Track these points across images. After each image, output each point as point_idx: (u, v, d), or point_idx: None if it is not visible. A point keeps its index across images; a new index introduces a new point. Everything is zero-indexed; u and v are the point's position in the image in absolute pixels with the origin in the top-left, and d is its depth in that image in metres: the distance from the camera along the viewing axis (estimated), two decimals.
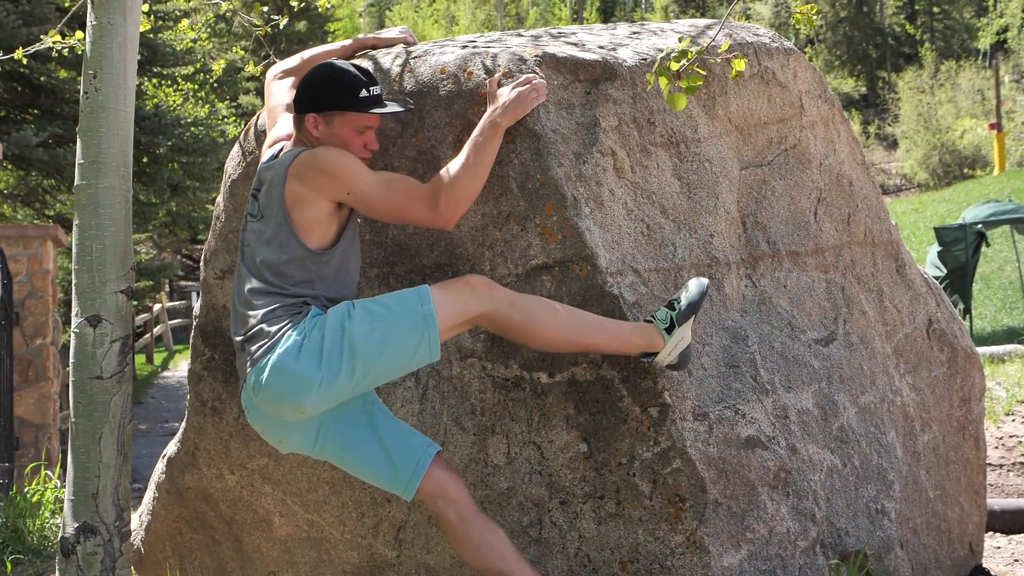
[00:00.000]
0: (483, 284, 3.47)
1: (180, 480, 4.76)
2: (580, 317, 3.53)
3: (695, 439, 3.63)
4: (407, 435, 3.59)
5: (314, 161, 3.45)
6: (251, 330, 3.44)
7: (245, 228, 3.63)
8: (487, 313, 3.45)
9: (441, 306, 3.39)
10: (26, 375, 11.05)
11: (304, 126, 3.58)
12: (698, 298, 3.57)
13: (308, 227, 3.47)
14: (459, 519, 3.53)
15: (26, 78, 17.05)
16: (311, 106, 3.55)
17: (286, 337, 3.35)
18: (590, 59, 3.89)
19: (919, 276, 5.08)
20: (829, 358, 4.31)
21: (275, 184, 3.50)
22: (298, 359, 3.31)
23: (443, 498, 3.53)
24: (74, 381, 4.19)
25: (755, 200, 4.34)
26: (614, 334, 3.53)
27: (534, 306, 3.49)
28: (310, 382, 3.30)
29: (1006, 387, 10.39)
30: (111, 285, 4.17)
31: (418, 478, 3.50)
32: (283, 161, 3.53)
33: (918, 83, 48.28)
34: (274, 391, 3.36)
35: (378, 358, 3.37)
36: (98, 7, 4.25)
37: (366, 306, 3.41)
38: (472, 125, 3.78)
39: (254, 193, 3.62)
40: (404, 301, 3.41)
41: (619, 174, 3.87)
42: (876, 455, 4.33)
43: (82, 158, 4.22)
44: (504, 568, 3.53)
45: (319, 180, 3.44)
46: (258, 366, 3.39)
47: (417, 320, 3.36)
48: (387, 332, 3.36)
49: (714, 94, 4.22)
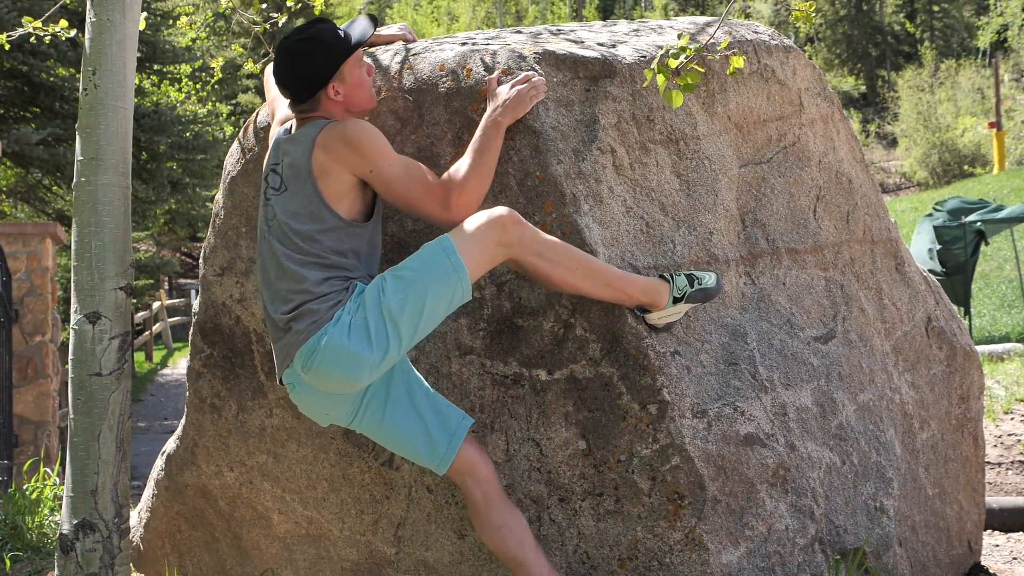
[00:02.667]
0: (512, 223, 3.44)
1: (179, 477, 4.76)
2: (597, 270, 3.54)
3: (694, 436, 3.63)
4: (443, 407, 3.62)
5: (343, 134, 3.48)
6: (298, 308, 3.44)
7: (266, 204, 3.62)
8: (513, 256, 3.47)
9: (468, 255, 3.40)
10: (25, 373, 11.05)
11: (323, 101, 3.61)
12: (714, 292, 3.72)
13: (335, 197, 3.50)
14: (484, 499, 3.57)
15: (26, 76, 17.06)
16: (321, 79, 3.57)
17: (335, 317, 3.37)
18: (590, 56, 3.89)
19: (918, 274, 5.08)
20: (828, 356, 4.31)
21: (300, 155, 3.52)
22: (350, 338, 3.33)
23: (472, 476, 3.58)
24: (73, 378, 4.19)
25: (754, 198, 4.34)
26: (625, 291, 3.58)
27: (558, 255, 3.49)
28: (364, 360, 3.33)
29: (1005, 385, 10.40)
30: (110, 282, 4.17)
31: (453, 451, 3.54)
32: (308, 132, 3.54)
33: (918, 82, 48.32)
34: (328, 369, 3.37)
35: (418, 320, 3.39)
36: (97, 4, 4.24)
37: (395, 274, 3.42)
38: (471, 122, 3.78)
39: (273, 168, 3.63)
40: (431, 259, 3.41)
41: (618, 171, 3.87)
42: (875, 453, 4.33)
43: (81, 155, 4.22)
44: (521, 555, 3.56)
45: (344, 153, 3.46)
46: (308, 344, 3.39)
47: (447, 274, 3.38)
48: (422, 294, 3.37)
49: (713, 91, 4.22)
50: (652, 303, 3.63)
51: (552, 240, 3.51)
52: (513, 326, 3.78)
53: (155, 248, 31.20)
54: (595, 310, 3.67)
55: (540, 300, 3.73)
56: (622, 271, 3.62)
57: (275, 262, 3.54)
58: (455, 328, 3.86)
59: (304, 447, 4.30)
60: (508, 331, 3.79)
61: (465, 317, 3.82)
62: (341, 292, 3.43)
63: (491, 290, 3.80)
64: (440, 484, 3.94)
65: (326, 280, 3.44)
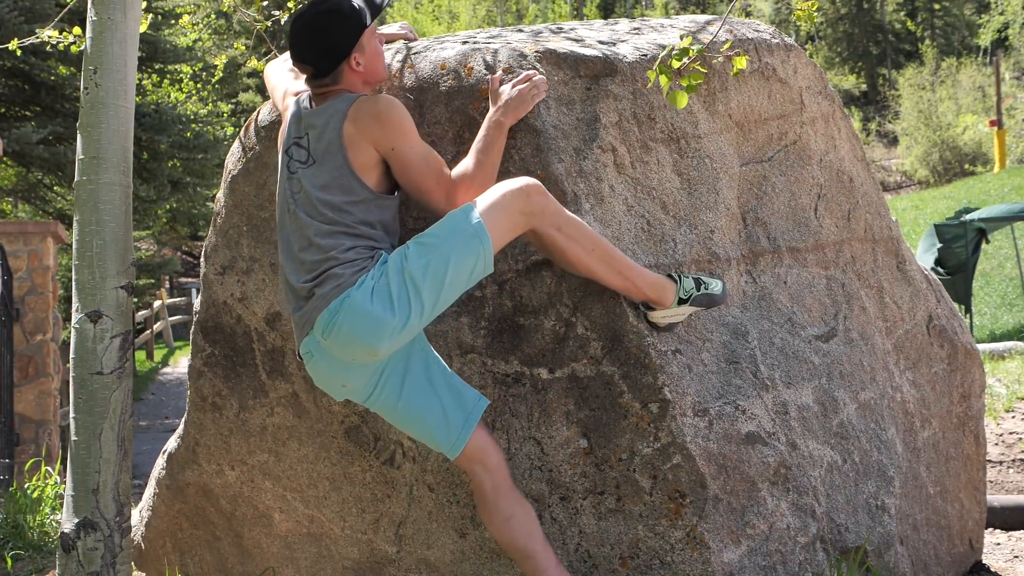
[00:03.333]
0: (537, 193, 3.45)
1: (180, 476, 4.76)
2: (612, 255, 3.54)
3: (695, 435, 3.63)
4: (460, 387, 3.61)
5: (374, 108, 3.51)
6: (321, 273, 3.43)
7: (291, 177, 3.61)
8: (535, 226, 3.47)
9: (492, 222, 3.40)
10: (26, 372, 11.06)
11: (345, 73, 3.63)
12: (719, 299, 3.73)
13: (364, 169, 3.51)
14: (493, 489, 3.55)
15: (27, 75, 17.07)
16: (343, 50, 3.60)
17: (359, 281, 3.36)
18: (591, 55, 3.89)
19: (919, 272, 5.08)
20: (829, 354, 4.31)
21: (331, 128, 3.53)
22: (372, 301, 3.32)
23: (482, 464, 3.56)
24: (74, 377, 4.19)
25: (755, 196, 4.34)
26: (634, 282, 3.58)
27: (577, 233, 3.49)
28: (386, 324, 3.31)
29: (1006, 384, 10.41)
30: (111, 281, 4.17)
31: (467, 432, 3.52)
32: (337, 106, 3.56)
33: (919, 80, 48.34)
34: (349, 333, 3.35)
35: (440, 287, 3.37)
36: (98, 3, 4.24)
37: (419, 241, 3.42)
38: (473, 121, 3.78)
39: (296, 141, 3.63)
40: (454, 226, 3.41)
41: (619, 170, 3.87)
42: (876, 451, 4.33)
43: (82, 154, 4.22)
44: (529, 546, 3.55)
45: (371, 127, 3.49)
46: (330, 308, 3.38)
47: (471, 240, 3.37)
48: (445, 260, 3.36)
49: (714, 90, 4.22)
50: (658, 300, 3.63)
51: (573, 217, 3.52)
52: (514, 325, 3.78)
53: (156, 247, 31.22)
54: (596, 309, 3.67)
55: (541, 299, 3.73)
56: (635, 263, 3.62)
57: (300, 234, 3.52)
58: (456, 327, 3.86)
59: (305, 446, 4.30)
60: (509, 330, 3.79)
61: (466, 316, 3.82)
62: (366, 260, 3.43)
63: (492, 289, 3.80)
64: (441, 483, 3.94)
65: (352, 248, 3.44)
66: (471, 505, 3.88)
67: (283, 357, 4.27)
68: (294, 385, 4.26)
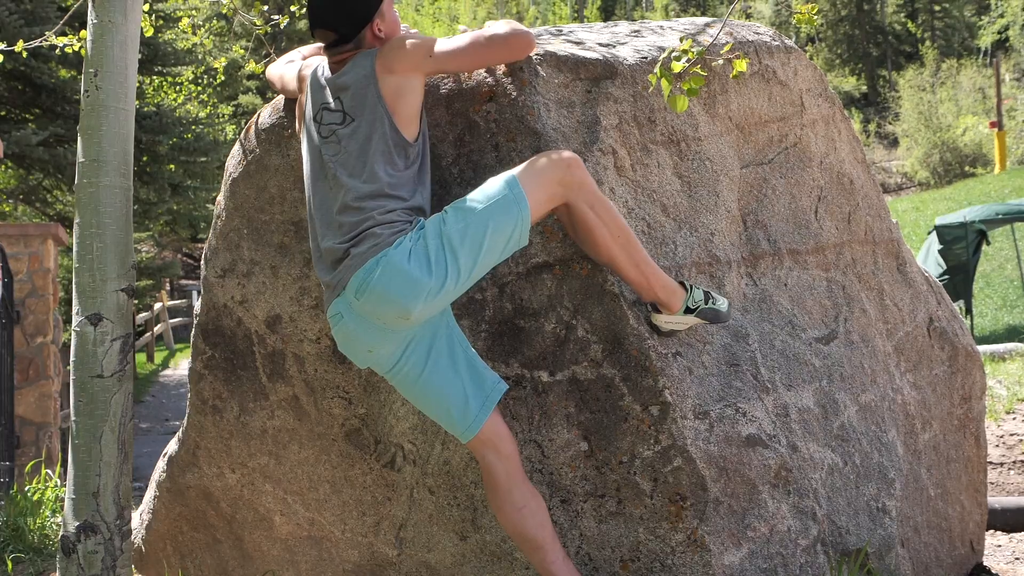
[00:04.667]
0: (576, 165, 3.47)
1: (181, 479, 4.76)
2: (635, 247, 3.55)
3: (696, 437, 3.63)
4: (480, 368, 3.59)
5: (393, 44, 3.58)
6: (359, 233, 3.44)
7: (326, 142, 3.61)
8: (570, 199, 3.48)
9: (530, 189, 3.41)
10: (27, 374, 11.05)
11: (367, 39, 3.69)
12: (723, 317, 3.74)
13: (406, 121, 3.54)
14: (507, 477, 3.54)
15: (27, 77, 17.07)
16: (368, 13, 3.67)
17: (397, 242, 3.36)
18: (591, 58, 3.90)
19: (920, 274, 5.08)
20: (830, 356, 4.31)
21: (363, 85, 3.56)
22: (409, 262, 3.32)
23: (495, 451, 3.54)
24: (75, 380, 4.19)
25: (756, 198, 4.34)
26: (648, 280, 3.58)
27: (608, 215, 3.51)
28: (422, 285, 3.31)
29: (1007, 385, 10.41)
30: (112, 284, 4.17)
31: (484, 415, 3.51)
32: (362, 62, 3.60)
33: (919, 81, 48.35)
34: (384, 291, 3.33)
35: (478, 252, 3.37)
36: (99, 6, 4.25)
37: (457, 206, 3.43)
38: (473, 123, 3.79)
39: (324, 107, 3.65)
40: (493, 191, 3.42)
41: (620, 172, 3.87)
42: (877, 453, 4.33)
43: (83, 156, 4.22)
44: (539, 537, 3.54)
45: (404, 56, 3.53)
46: (366, 267, 3.37)
47: (509, 205, 3.38)
48: (483, 224, 3.37)
49: (715, 92, 4.22)
50: (666, 303, 3.62)
51: (606, 199, 3.53)
52: (514, 327, 3.78)
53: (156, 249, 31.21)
54: (597, 311, 3.67)
55: (542, 301, 3.73)
56: (652, 261, 3.61)
57: (338, 197, 3.52)
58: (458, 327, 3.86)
59: (306, 449, 4.30)
60: (509, 332, 3.78)
61: (467, 319, 3.82)
62: (404, 223, 3.43)
63: (492, 292, 3.80)
64: (442, 486, 3.94)
65: (392, 211, 3.44)
66: (472, 508, 3.88)
67: (283, 360, 4.27)
68: (295, 388, 4.26)
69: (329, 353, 4.15)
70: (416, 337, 3.52)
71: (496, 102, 3.77)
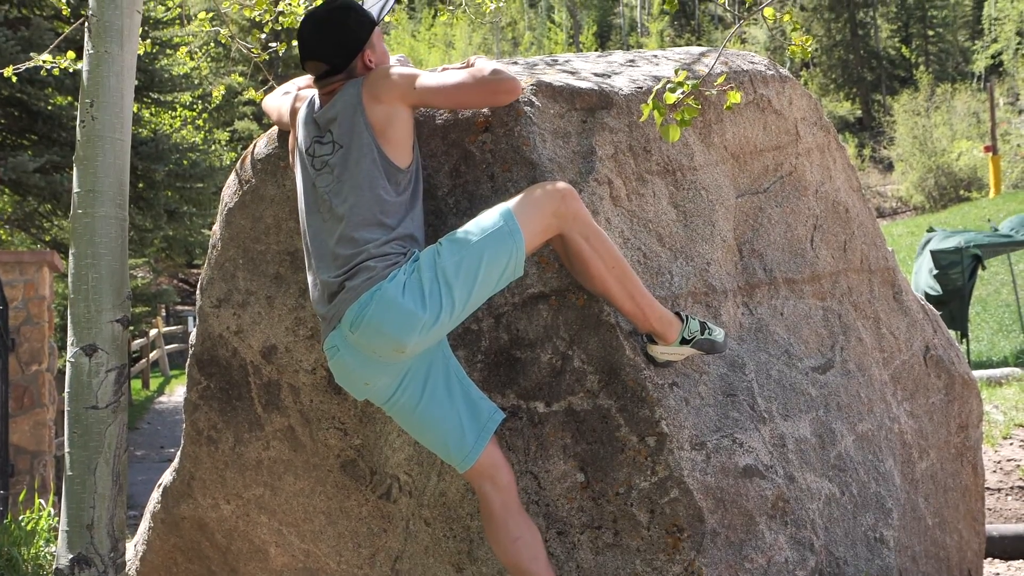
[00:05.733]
0: (571, 197, 3.47)
1: (175, 510, 4.74)
2: (630, 278, 3.55)
3: (693, 468, 3.62)
4: (476, 398, 3.59)
5: (378, 74, 3.60)
6: (354, 267, 3.43)
7: (320, 173, 3.61)
8: (564, 231, 3.48)
9: (525, 221, 3.41)
10: (21, 402, 11.01)
11: (358, 69, 3.71)
12: (720, 347, 3.73)
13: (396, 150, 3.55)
14: (503, 507, 3.54)
15: (24, 104, 17.08)
16: (358, 43, 3.70)
17: (391, 275, 3.36)
18: (586, 88, 3.90)
19: (916, 303, 5.08)
20: (826, 386, 4.30)
21: (351, 113, 3.58)
22: (404, 295, 3.32)
23: (492, 481, 3.54)
24: (69, 411, 4.18)
25: (751, 228, 4.34)
26: (643, 311, 3.57)
27: (603, 247, 3.51)
28: (416, 319, 3.30)
29: (1004, 410, 10.39)
30: (107, 314, 4.17)
31: (481, 445, 3.51)
32: (349, 92, 3.61)
33: (913, 106, 48.49)
34: (378, 325, 3.33)
35: (472, 284, 3.37)
36: (95, 36, 4.25)
37: (452, 238, 3.44)
38: (469, 154, 3.79)
39: (317, 140, 3.66)
40: (487, 223, 3.42)
41: (615, 202, 3.87)
42: (874, 483, 4.32)
43: (79, 187, 4.22)
44: (533, 569, 3.53)
45: (391, 87, 3.55)
46: (360, 300, 3.37)
47: (504, 237, 3.38)
48: (478, 257, 3.37)
49: (710, 122, 4.22)
50: (662, 334, 3.62)
51: (601, 231, 3.53)
52: (511, 358, 3.77)
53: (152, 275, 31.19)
54: (593, 342, 3.66)
55: (538, 332, 3.72)
56: (648, 292, 3.61)
57: (334, 229, 3.53)
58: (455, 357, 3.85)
59: (301, 480, 4.28)
60: (506, 363, 3.78)
61: (462, 349, 3.81)
62: (399, 256, 3.43)
63: (488, 322, 3.79)
64: (438, 517, 3.92)
65: (387, 243, 3.44)
66: (468, 540, 3.86)
67: (279, 390, 4.26)
68: (290, 419, 4.25)
69: (324, 384, 4.13)
70: (412, 368, 3.51)
71: (492, 132, 3.77)
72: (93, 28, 4.30)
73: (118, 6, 4.31)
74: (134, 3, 4.40)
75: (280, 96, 4.17)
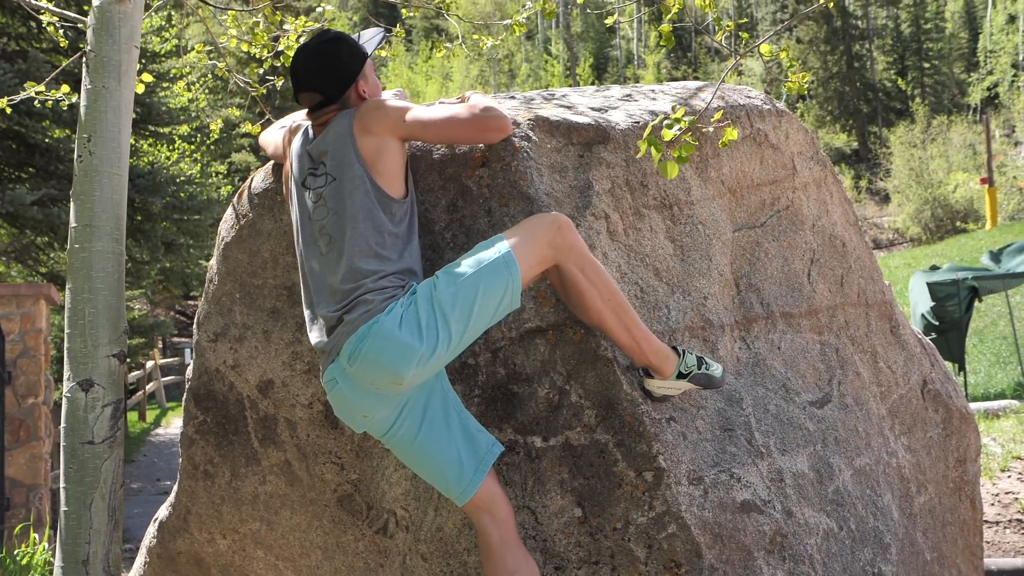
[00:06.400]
0: (567, 227, 3.48)
1: (171, 545, 4.72)
2: (626, 311, 3.55)
3: (690, 503, 3.61)
4: (474, 430, 3.58)
5: (369, 105, 3.62)
6: (352, 300, 3.44)
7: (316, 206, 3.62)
8: (560, 261, 3.49)
9: (520, 251, 3.42)
10: (17, 435, 10.99)
11: (351, 99, 3.74)
12: (717, 382, 3.73)
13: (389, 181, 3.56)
14: (501, 541, 3.52)
15: (21, 136, 17.11)
16: (352, 74, 3.73)
17: (389, 308, 3.36)
18: (583, 122, 3.91)
19: (913, 336, 5.08)
20: (824, 420, 4.30)
21: (342, 144, 3.59)
22: (400, 328, 3.31)
23: (490, 515, 3.53)
24: (65, 446, 4.17)
25: (748, 262, 4.35)
26: (639, 344, 3.57)
27: (599, 279, 3.51)
28: (413, 350, 3.30)
29: (1001, 443, 10.38)
30: (103, 349, 4.16)
31: (479, 478, 3.50)
32: (341, 124, 3.63)
33: (910, 138, 48.68)
34: (376, 358, 3.33)
35: (469, 316, 3.37)
36: (93, 71, 4.26)
37: (448, 270, 3.44)
38: (466, 188, 3.80)
39: (311, 172, 3.67)
40: (483, 255, 3.43)
41: (612, 237, 3.88)
42: (872, 518, 4.30)
43: (75, 221, 4.23)
44: None
45: (381, 119, 3.56)
46: (358, 333, 3.37)
47: (500, 269, 3.39)
48: (474, 288, 3.37)
49: (707, 156, 4.23)
50: (658, 368, 3.62)
51: (597, 262, 3.53)
52: (508, 393, 3.77)
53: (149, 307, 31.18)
54: (590, 376, 3.66)
55: (535, 367, 3.72)
56: (644, 326, 3.61)
57: (328, 261, 3.54)
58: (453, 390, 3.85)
59: (298, 514, 4.27)
60: (503, 398, 3.77)
61: (460, 384, 3.81)
62: (396, 288, 3.44)
63: (485, 356, 3.79)
64: (435, 552, 3.91)
65: (386, 276, 3.45)
66: (465, 575, 3.84)
67: (275, 425, 4.25)
68: (286, 453, 4.24)
69: (321, 418, 4.13)
70: (410, 401, 3.51)
71: (489, 167, 3.78)
72: (91, 63, 4.31)
73: (116, 41, 4.33)
74: (131, 38, 4.41)
75: (277, 130, 4.19)
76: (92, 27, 4.36)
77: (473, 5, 68.42)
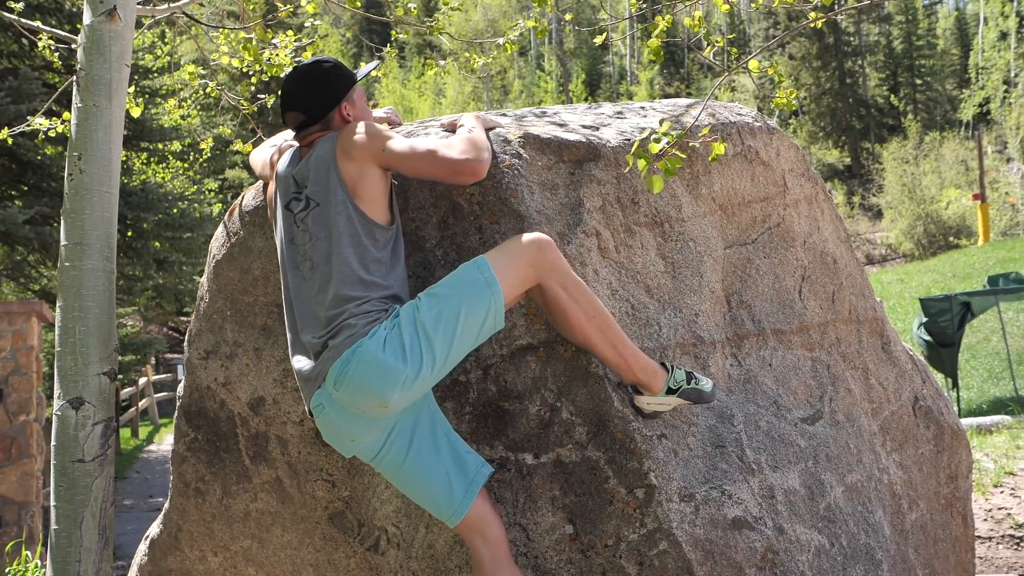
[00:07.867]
0: (548, 247, 3.48)
1: (163, 562, 4.71)
2: (611, 328, 3.54)
3: (681, 520, 3.61)
4: (463, 452, 3.58)
5: (351, 130, 3.61)
6: (336, 326, 3.43)
7: (299, 231, 3.62)
8: (542, 281, 3.48)
9: (502, 272, 3.42)
10: (9, 452, 10.96)
11: (335, 121, 3.75)
12: (707, 397, 3.73)
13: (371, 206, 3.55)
14: (492, 561, 3.53)
15: (13, 154, 17.11)
16: (338, 95, 3.75)
17: (372, 332, 3.35)
18: (574, 140, 3.92)
19: (904, 353, 5.08)
20: (815, 437, 4.30)
21: (324, 169, 3.59)
22: (384, 351, 3.31)
23: (482, 535, 3.53)
24: (56, 464, 4.16)
25: (740, 279, 4.35)
26: (627, 361, 3.57)
27: (582, 297, 3.51)
28: (397, 373, 3.29)
29: (994, 458, 10.38)
30: (94, 367, 4.16)
31: (469, 500, 3.50)
32: (324, 148, 3.63)
33: (902, 154, 48.79)
34: (360, 382, 3.32)
35: (452, 337, 3.37)
36: (84, 90, 4.27)
37: (430, 292, 3.44)
38: (457, 206, 3.80)
39: (295, 196, 3.67)
40: (465, 276, 3.43)
41: (603, 254, 3.88)
42: (864, 534, 4.30)
43: (66, 240, 4.22)
44: None
45: (361, 146, 3.56)
46: (342, 358, 3.36)
47: (482, 289, 3.39)
48: (456, 309, 3.37)
49: (698, 173, 4.24)
50: (647, 385, 3.62)
51: (580, 281, 3.53)
52: (499, 410, 3.76)
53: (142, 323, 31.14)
54: (581, 393, 3.66)
55: (526, 384, 3.72)
56: (631, 342, 3.61)
57: (313, 285, 3.54)
58: (441, 412, 3.84)
59: (289, 532, 4.26)
60: (494, 415, 3.77)
61: (450, 401, 3.81)
62: (380, 312, 3.43)
63: (476, 374, 3.79)
64: (426, 569, 3.90)
65: (369, 300, 3.44)
66: None
67: (267, 442, 4.24)
68: (278, 470, 4.23)
69: (312, 435, 4.12)
70: (398, 424, 3.50)
71: (480, 184, 3.78)
72: (82, 82, 4.32)
73: (106, 60, 4.33)
74: (122, 57, 4.42)
75: (266, 148, 4.19)
76: (83, 46, 4.37)
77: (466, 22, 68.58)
